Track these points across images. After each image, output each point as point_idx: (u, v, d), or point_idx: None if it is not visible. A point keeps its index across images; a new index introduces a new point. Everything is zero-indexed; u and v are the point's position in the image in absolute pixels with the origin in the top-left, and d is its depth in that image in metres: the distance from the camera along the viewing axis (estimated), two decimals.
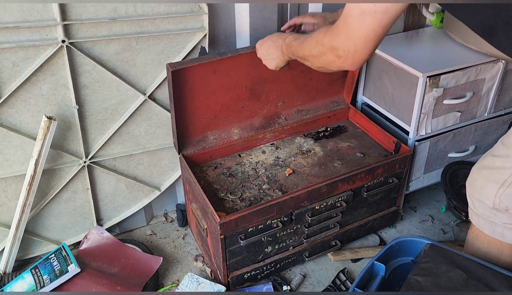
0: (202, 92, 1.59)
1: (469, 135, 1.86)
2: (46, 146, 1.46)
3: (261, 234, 1.51)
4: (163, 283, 1.68)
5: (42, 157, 1.47)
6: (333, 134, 1.92)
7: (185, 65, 1.45)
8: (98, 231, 1.75)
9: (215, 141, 1.73)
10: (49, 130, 1.43)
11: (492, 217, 1.25)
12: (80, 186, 1.67)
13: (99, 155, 1.64)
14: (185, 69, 1.46)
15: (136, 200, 1.82)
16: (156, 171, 1.80)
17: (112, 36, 1.43)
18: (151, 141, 1.71)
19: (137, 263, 1.67)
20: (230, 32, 1.65)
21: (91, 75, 1.47)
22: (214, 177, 1.70)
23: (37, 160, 1.46)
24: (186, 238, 1.87)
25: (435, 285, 1.11)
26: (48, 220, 1.69)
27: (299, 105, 1.87)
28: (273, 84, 1.73)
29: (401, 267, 1.33)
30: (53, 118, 1.43)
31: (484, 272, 1.14)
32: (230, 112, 1.71)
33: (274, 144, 1.86)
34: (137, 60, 1.51)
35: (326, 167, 1.76)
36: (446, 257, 1.19)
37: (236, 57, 1.55)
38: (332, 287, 1.61)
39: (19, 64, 1.36)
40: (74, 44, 1.39)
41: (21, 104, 1.43)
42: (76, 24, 1.37)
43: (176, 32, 1.51)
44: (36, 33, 1.33)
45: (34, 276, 1.56)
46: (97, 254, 1.69)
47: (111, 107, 1.57)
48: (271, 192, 1.64)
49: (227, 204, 1.59)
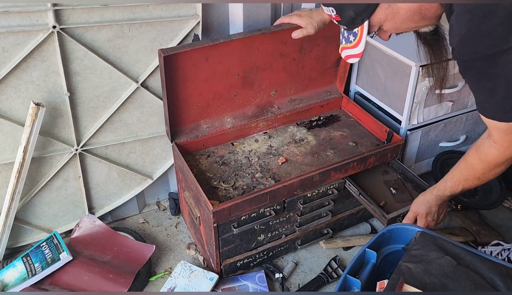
0: (195, 79, 1.58)
1: (460, 124, 1.88)
2: (35, 133, 1.44)
3: (254, 222, 1.52)
4: (156, 271, 1.69)
5: (31, 144, 1.45)
6: (326, 123, 1.92)
7: (177, 50, 1.44)
8: (90, 219, 1.74)
9: (208, 130, 1.73)
10: (37, 117, 1.42)
11: None
12: (72, 174, 1.66)
13: (91, 143, 1.63)
14: (177, 55, 1.45)
15: (128, 188, 1.81)
16: (148, 159, 1.79)
17: (104, 22, 1.41)
18: (143, 129, 1.70)
19: (129, 251, 1.67)
20: (224, 19, 1.64)
21: (83, 62, 1.45)
22: (207, 166, 1.70)
23: (25, 147, 1.45)
24: (178, 226, 1.87)
25: (425, 272, 1.12)
26: (39, 208, 1.68)
27: (292, 94, 1.87)
28: (266, 72, 1.72)
29: (392, 254, 1.34)
30: (41, 104, 1.42)
31: (473, 259, 1.15)
32: (223, 100, 1.71)
33: (267, 133, 1.87)
34: (130, 47, 1.50)
35: (319, 156, 1.76)
36: (437, 244, 1.20)
37: (228, 43, 1.54)
38: (323, 275, 1.63)
39: (8, 50, 1.34)
40: (65, 30, 1.37)
41: (11, 90, 1.41)
42: (67, 9, 1.34)
43: (169, 19, 1.50)
44: (27, 18, 1.31)
45: (26, 264, 1.55)
46: (89, 242, 1.69)
47: (103, 95, 1.55)
48: (264, 181, 1.65)
49: (220, 193, 1.60)
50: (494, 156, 1.17)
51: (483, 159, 1.21)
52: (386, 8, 1.05)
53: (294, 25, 1.52)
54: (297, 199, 1.57)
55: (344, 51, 1.23)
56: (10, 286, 1.50)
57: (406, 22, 1.09)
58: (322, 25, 1.53)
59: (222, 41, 1.51)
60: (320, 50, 1.78)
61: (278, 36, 1.61)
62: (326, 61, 1.83)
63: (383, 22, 1.10)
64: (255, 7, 1.63)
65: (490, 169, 1.21)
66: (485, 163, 1.21)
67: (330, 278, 1.63)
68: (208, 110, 1.71)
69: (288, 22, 1.53)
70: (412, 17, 1.07)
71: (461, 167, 1.30)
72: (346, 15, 1.09)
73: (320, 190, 1.61)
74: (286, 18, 1.54)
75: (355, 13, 1.08)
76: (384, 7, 1.05)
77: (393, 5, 1.04)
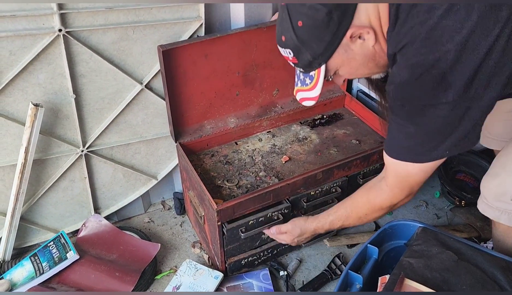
0: (196, 77, 1.60)
1: None
2: (35, 133, 1.47)
3: (262, 227, 1.53)
4: (161, 269, 1.71)
5: (32, 144, 1.48)
6: (329, 122, 1.94)
7: (175, 45, 1.47)
8: (96, 218, 1.77)
9: (212, 130, 1.75)
10: (36, 117, 1.44)
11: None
12: (78, 175, 1.68)
13: (96, 144, 1.66)
14: (176, 50, 1.48)
15: (133, 188, 1.84)
16: (153, 160, 1.81)
17: (109, 25, 1.44)
18: (148, 130, 1.73)
19: (135, 249, 1.69)
20: (225, 18, 1.66)
21: (88, 64, 1.48)
22: (211, 165, 1.72)
23: (26, 147, 1.47)
24: (183, 225, 1.90)
25: (427, 267, 1.13)
26: (46, 208, 1.70)
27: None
28: (266, 71, 1.74)
29: (394, 250, 1.36)
30: (39, 105, 1.44)
31: (474, 254, 1.16)
32: (225, 99, 1.73)
33: (270, 132, 1.88)
34: (134, 49, 1.52)
35: (322, 154, 1.78)
36: (438, 240, 1.21)
37: (226, 39, 1.56)
38: (327, 272, 1.64)
39: (16, 53, 1.37)
40: (71, 33, 1.40)
41: (18, 93, 1.44)
42: (72, 13, 1.37)
43: (173, 21, 1.52)
44: (33, 22, 1.34)
45: (34, 263, 1.58)
46: (95, 241, 1.71)
47: (108, 96, 1.58)
48: (267, 179, 1.66)
49: (224, 192, 1.61)
50: (382, 199, 1.25)
51: (370, 200, 1.28)
52: (343, 53, 1.06)
53: None
54: (301, 197, 1.59)
55: (300, 93, 1.23)
56: (18, 285, 1.53)
57: (361, 68, 1.11)
58: None
59: (219, 35, 1.54)
60: None
61: (275, 32, 1.62)
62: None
63: (340, 67, 1.11)
64: (256, 7, 1.65)
65: (374, 211, 1.28)
66: (371, 204, 1.28)
67: (334, 275, 1.64)
68: (211, 110, 1.73)
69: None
70: (367, 64, 1.10)
71: (346, 204, 1.36)
72: (304, 58, 1.08)
73: (324, 188, 1.62)
74: None
75: (312, 57, 1.06)
76: (341, 52, 1.05)
77: (350, 50, 1.05)
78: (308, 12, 1.00)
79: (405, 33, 0.97)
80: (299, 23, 1.02)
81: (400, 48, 0.99)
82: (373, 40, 1.03)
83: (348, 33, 1.01)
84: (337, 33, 1.01)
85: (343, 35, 1.02)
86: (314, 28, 1.01)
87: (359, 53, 1.06)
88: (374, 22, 1.02)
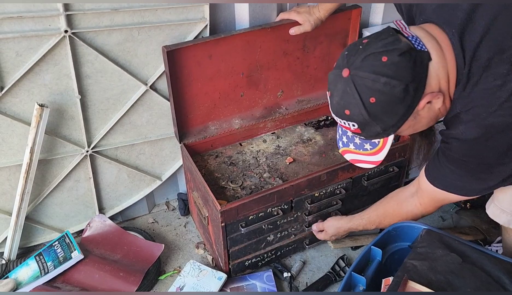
0: (200, 78, 1.61)
1: None
2: (40, 133, 1.48)
3: (262, 222, 1.53)
4: (165, 269, 1.71)
5: (37, 145, 1.49)
6: (334, 123, 1.93)
7: (179, 46, 1.48)
8: (100, 219, 1.77)
9: (216, 131, 1.75)
10: (41, 118, 1.45)
11: None
12: (83, 175, 1.69)
13: (101, 144, 1.66)
14: (180, 51, 1.49)
15: (137, 189, 1.84)
16: (157, 160, 1.82)
17: (114, 27, 1.44)
18: (152, 131, 1.73)
19: (139, 250, 1.70)
20: (230, 20, 1.66)
21: (94, 65, 1.49)
22: (215, 166, 1.73)
23: (32, 148, 1.48)
24: (187, 226, 1.90)
25: (431, 269, 1.12)
26: (51, 208, 1.71)
27: (299, 95, 1.89)
28: (270, 71, 1.74)
29: (398, 252, 1.35)
30: (45, 105, 1.45)
31: (479, 256, 1.15)
32: (229, 100, 1.73)
33: (275, 133, 1.88)
34: (139, 50, 1.53)
35: (327, 156, 1.77)
36: (442, 242, 1.20)
37: (230, 40, 1.57)
38: (331, 273, 1.64)
39: (22, 54, 1.38)
40: (77, 34, 1.41)
41: (25, 93, 1.45)
42: (78, 14, 1.38)
43: (178, 23, 1.53)
44: (39, 23, 1.35)
45: (38, 262, 1.59)
46: (100, 241, 1.72)
47: (113, 97, 1.59)
48: (271, 180, 1.66)
49: (228, 192, 1.62)
50: (415, 213, 1.33)
51: (403, 214, 1.36)
52: (412, 120, 1.05)
53: (293, 21, 1.56)
54: (305, 198, 1.58)
55: (351, 155, 1.22)
56: (23, 284, 1.54)
57: (422, 127, 1.12)
58: (319, 22, 1.58)
59: (224, 36, 1.54)
60: (324, 49, 1.80)
61: (279, 33, 1.64)
62: (330, 59, 1.84)
63: (404, 131, 1.11)
64: (260, 7, 1.65)
65: (403, 220, 1.36)
66: (404, 217, 1.36)
67: (337, 277, 1.63)
68: (215, 111, 1.73)
69: (287, 18, 1.57)
70: (429, 123, 1.11)
71: (379, 212, 1.45)
72: (371, 130, 1.06)
73: (328, 189, 1.62)
74: (285, 14, 1.60)
75: (382, 130, 1.05)
76: (410, 119, 1.05)
77: (418, 116, 1.05)
78: (383, 89, 0.97)
79: (478, 94, 0.98)
80: (372, 100, 0.99)
81: (470, 108, 1.00)
82: (441, 103, 1.03)
83: (421, 102, 1.01)
84: (411, 105, 1.01)
85: (417, 105, 1.01)
86: (388, 104, 0.99)
87: (426, 116, 1.07)
88: (443, 85, 1.02)
